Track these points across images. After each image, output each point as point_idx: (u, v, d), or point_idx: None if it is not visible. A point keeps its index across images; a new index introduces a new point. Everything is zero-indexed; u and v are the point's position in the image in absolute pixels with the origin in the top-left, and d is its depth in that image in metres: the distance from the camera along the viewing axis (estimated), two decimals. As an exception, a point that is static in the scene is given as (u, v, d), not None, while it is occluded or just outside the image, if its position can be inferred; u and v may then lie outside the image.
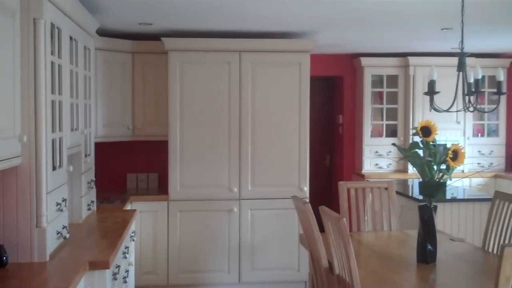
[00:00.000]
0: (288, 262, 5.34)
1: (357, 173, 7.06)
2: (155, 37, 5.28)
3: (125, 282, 3.78)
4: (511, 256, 2.20)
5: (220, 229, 5.26)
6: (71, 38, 3.53)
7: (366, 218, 4.28)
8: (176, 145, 5.21)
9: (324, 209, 3.13)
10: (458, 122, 6.92)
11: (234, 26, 4.95)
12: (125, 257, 3.83)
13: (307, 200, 5.18)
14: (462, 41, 3.44)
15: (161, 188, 5.60)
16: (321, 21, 4.79)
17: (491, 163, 7.06)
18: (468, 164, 6.85)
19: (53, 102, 3.07)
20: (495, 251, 3.70)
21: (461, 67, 3.40)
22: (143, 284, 5.14)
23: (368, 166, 6.94)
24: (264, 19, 4.66)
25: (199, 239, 5.25)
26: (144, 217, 5.17)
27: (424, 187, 3.31)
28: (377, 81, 7.03)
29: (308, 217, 3.31)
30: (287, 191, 5.12)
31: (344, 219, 2.86)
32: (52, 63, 3.06)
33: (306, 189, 5.34)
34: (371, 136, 7.00)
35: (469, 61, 6.20)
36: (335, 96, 7.70)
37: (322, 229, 3.18)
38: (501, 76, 3.39)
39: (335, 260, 3.09)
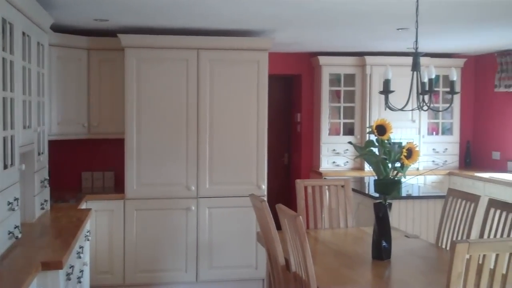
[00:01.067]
0: (246, 260, 5.34)
1: (315, 171, 7.11)
2: (112, 33, 5.21)
3: (80, 282, 3.71)
4: (463, 252, 2.24)
5: (177, 228, 5.23)
6: (23, 33, 3.45)
7: (323, 215, 4.32)
8: (133, 143, 5.15)
9: (280, 207, 3.14)
10: (414, 121, 7.04)
11: (192, 23, 4.92)
12: (80, 257, 3.76)
13: (265, 198, 5.20)
14: (416, 41, 3.49)
15: (117, 187, 5.53)
16: (279, 20, 4.80)
17: (445, 161, 7.21)
18: (423, 162, 6.98)
19: (4, 99, 2.99)
20: (448, 247, 3.77)
21: (415, 66, 3.46)
22: (99, 284, 5.06)
23: (326, 164, 7.00)
24: (222, 17, 4.65)
25: (156, 238, 5.21)
26: (99, 216, 5.09)
27: (379, 185, 3.36)
28: (335, 79, 7.10)
29: (265, 215, 3.31)
30: (245, 189, 5.12)
31: (301, 217, 2.87)
32: (4, 59, 2.98)
33: (264, 187, 5.35)
34: (329, 134, 7.06)
35: (423, 60, 6.34)
36: (293, 95, 7.74)
37: (279, 227, 3.19)
38: (454, 76, 3.46)
39: (291, 258, 3.10)
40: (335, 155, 7.00)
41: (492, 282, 2.36)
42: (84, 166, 5.70)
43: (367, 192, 5.33)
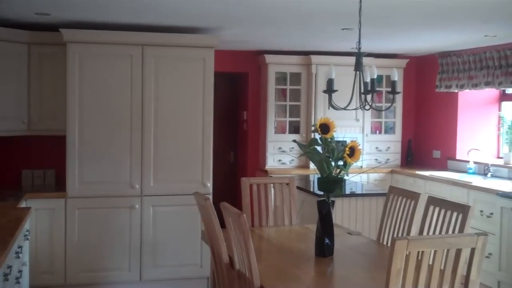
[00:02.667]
0: (190, 259, 5.31)
1: (260, 169, 7.14)
2: (55, 28, 5.08)
3: (18, 282, 3.61)
4: (402, 248, 2.29)
5: (121, 227, 5.15)
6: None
7: (267, 213, 4.33)
8: (75, 140, 5.04)
9: (224, 205, 3.14)
10: (358, 120, 7.16)
11: (138, 19, 4.85)
12: (18, 257, 3.65)
13: (210, 196, 5.18)
14: (359, 41, 3.54)
15: (59, 185, 5.39)
16: (226, 18, 4.79)
17: (388, 159, 7.36)
18: (366, 160, 7.11)
19: None
20: (389, 244, 3.85)
21: (358, 66, 3.51)
22: (40, 284, 4.93)
23: (272, 162, 7.04)
24: (168, 13, 4.60)
25: (99, 237, 5.11)
26: (40, 215, 4.96)
27: (322, 183, 3.40)
28: (281, 78, 7.14)
29: (209, 213, 3.31)
30: (190, 187, 5.09)
31: (244, 215, 2.88)
32: None
33: (210, 185, 5.33)
34: (275, 132, 7.10)
35: (367, 61, 6.45)
36: (240, 93, 7.75)
37: (224, 225, 3.18)
38: (395, 76, 3.53)
39: (235, 256, 3.11)
40: (281, 153, 7.04)
41: (430, 278, 2.43)
42: (24, 163, 5.54)
43: (311, 190, 5.39)
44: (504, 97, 6.84)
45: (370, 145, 7.29)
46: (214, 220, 3.27)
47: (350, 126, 7.12)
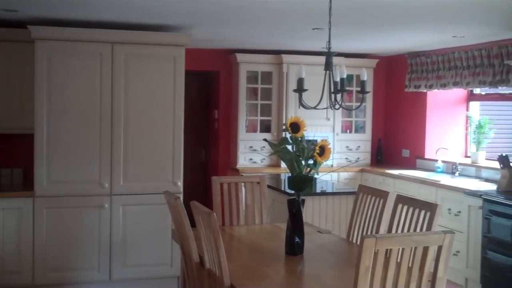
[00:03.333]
0: (160, 258, 5.28)
1: (232, 168, 7.14)
2: (23, 24, 4.99)
3: (-16, 284, 3.55)
4: (370, 246, 2.32)
5: (90, 226, 5.09)
6: None
7: (238, 212, 4.34)
8: (43, 138, 4.96)
9: (195, 204, 3.14)
10: (328, 119, 7.21)
11: (107, 16, 4.80)
12: (-16, 258, 3.59)
13: (181, 195, 5.17)
14: (329, 41, 3.57)
15: (27, 184, 5.31)
16: (197, 16, 4.77)
17: (358, 158, 7.43)
18: (336, 159, 7.16)
19: None
20: (358, 242, 3.89)
21: (328, 66, 3.53)
22: (7, 284, 4.86)
23: (243, 161, 7.04)
24: (139, 11, 4.56)
25: (68, 237, 5.05)
26: (7, 214, 4.89)
27: (292, 181, 3.41)
28: (252, 77, 7.15)
29: (179, 212, 3.29)
30: (160, 186, 5.05)
31: (215, 214, 2.88)
32: None
33: (180, 184, 5.31)
34: (246, 131, 7.10)
35: (337, 60, 6.50)
36: (211, 91, 7.73)
37: (194, 224, 3.17)
38: (365, 76, 3.56)
39: (205, 255, 3.10)
40: (252, 152, 7.05)
41: (398, 275, 2.46)
42: (-9, 162, 5.45)
43: (282, 189, 5.40)
44: (471, 97, 6.95)
45: (340, 144, 7.35)
46: (184, 219, 3.26)
47: (321, 125, 7.17)
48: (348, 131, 7.52)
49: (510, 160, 5.31)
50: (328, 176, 6.62)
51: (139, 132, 5.19)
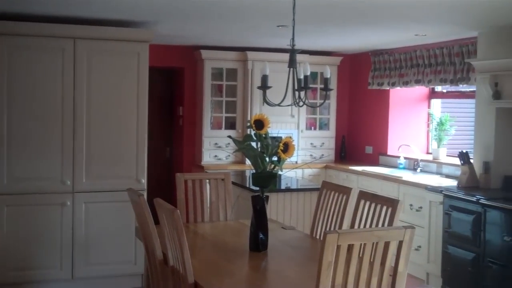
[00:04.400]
0: (124, 256, 5.24)
1: (197, 165, 7.12)
2: (-20, 18, 4.89)
3: None
4: (333, 242, 2.34)
5: (51, 224, 5.02)
6: None
7: (203, 209, 4.33)
8: (3, 135, 4.87)
9: (158, 201, 3.12)
10: (293, 116, 7.25)
11: (70, 11, 4.73)
12: None
13: (145, 193, 5.13)
14: (293, 38, 3.58)
15: (-14, 182, 5.21)
16: (161, 12, 4.74)
17: (322, 155, 7.49)
18: (301, 155, 7.21)
19: None
20: (321, 238, 3.92)
21: (291, 63, 3.55)
22: (-35, 285, 4.77)
23: (208, 157, 7.03)
24: (102, 6, 4.51)
25: (29, 235, 4.97)
26: (-34, 213, 4.79)
27: (256, 178, 3.42)
28: (217, 74, 7.14)
29: (143, 209, 3.27)
30: (124, 183, 5.00)
31: (178, 211, 2.86)
32: None
33: (144, 181, 5.27)
34: (211, 128, 7.09)
35: (302, 58, 6.53)
36: (176, 88, 7.69)
37: (158, 221, 3.15)
38: (328, 73, 3.59)
39: (169, 252, 3.09)
40: (217, 149, 7.04)
41: (360, 270, 2.49)
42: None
43: (246, 185, 5.42)
44: (433, 94, 7.08)
45: (305, 141, 7.40)
46: (147, 216, 3.24)
47: (286, 122, 7.20)
48: (312, 128, 7.57)
49: (470, 157, 5.42)
50: (292, 172, 6.66)
51: (102, 128, 5.13)
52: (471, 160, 5.40)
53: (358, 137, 7.80)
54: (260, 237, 3.44)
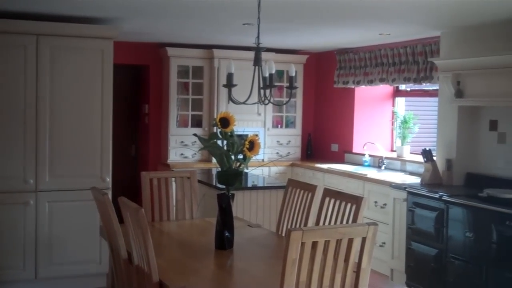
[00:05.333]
0: (89, 255, 5.17)
1: (163, 163, 7.08)
2: None
3: None
4: (297, 239, 2.36)
5: (14, 224, 4.92)
6: None
7: (169, 207, 4.31)
8: (-37, 133, 4.77)
9: (123, 200, 3.09)
10: (259, 114, 7.26)
11: (33, 7, 4.64)
12: None
13: (110, 191, 5.09)
14: (258, 37, 3.60)
15: None
16: (126, 9, 4.69)
17: (289, 153, 7.52)
18: (267, 153, 7.23)
19: None
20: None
21: (257, 61, 3.56)
22: None
23: (174, 156, 6.99)
24: (65, 2, 4.44)
25: (-9, 235, 4.88)
26: None
27: (222, 176, 3.42)
28: (183, 71, 7.10)
29: (107, 208, 3.25)
30: (88, 182, 4.91)
31: (143, 209, 2.85)
32: None
33: (109, 179, 5.21)
34: (178, 126, 7.05)
35: (269, 56, 6.56)
36: (141, 85, 7.63)
37: (123, 220, 3.13)
38: (293, 72, 3.61)
39: (134, 251, 3.07)
40: (183, 147, 7.01)
41: (324, 266, 2.51)
42: None
43: (213, 184, 5.40)
44: (397, 93, 7.17)
45: (271, 139, 7.42)
46: (112, 215, 3.21)
47: (252, 120, 7.21)
48: (279, 126, 7.60)
49: (433, 154, 5.51)
50: (259, 170, 6.67)
51: (65, 126, 5.05)
52: (434, 158, 5.49)
53: (324, 135, 7.85)
54: (226, 235, 3.45)
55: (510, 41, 4.70)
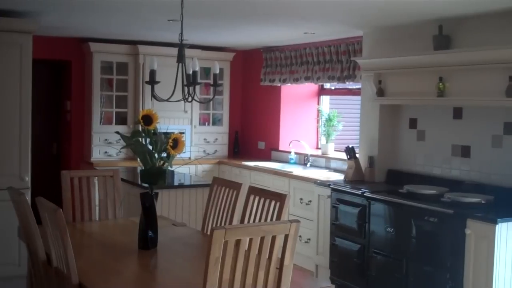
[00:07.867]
0: (7, 257, 4.99)
1: (86, 162, 6.90)
2: None
3: None
4: (220, 238, 2.34)
5: None
6: None
7: (91, 207, 4.19)
8: None
9: (40, 200, 2.98)
10: (186, 111, 7.20)
11: None
12: None
13: (29, 191, 4.91)
14: (181, 33, 3.56)
15: None
16: (45, 1, 4.53)
17: (216, 150, 7.50)
18: (194, 151, 7.18)
19: None
20: (211, 234, 3.92)
21: (180, 58, 3.52)
22: None
23: (98, 154, 6.83)
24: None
25: None
26: None
27: (145, 175, 3.37)
28: (107, 67, 6.94)
29: (24, 208, 3.13)
30: (6, 182, 4.71)
31: (61, 210, 2.76)
32: None
33: (28, 179, 5.03)
34: (101, 123, 6.89)
35: (194, 53, 6.50)
36: (62, 81, 7.40)
37: (41, 221, 3.02)
38: (217, 69, 3.60)
39: (53, 253, 2.97)
40: (107, 145, 6.85)
41: (247, 264, 2.51)
42: None
43: (138, 183, 5.31)
44: (322, 91, 7.29)
45: (198, 136, 7.37)
46: (29, 216, 3.10)
47: (179, 118, 7.14)
48: (206, 123, 7.56)
49: (356, 152, 5.63)
50: (186, 168, 6.62)
51: (-19, 124, 4.84)
52: (357, 155, 5.61)
53: (251, 132, 7.88)
54: (149, 235, 3.39)
55: (425, 42, 4.86)
